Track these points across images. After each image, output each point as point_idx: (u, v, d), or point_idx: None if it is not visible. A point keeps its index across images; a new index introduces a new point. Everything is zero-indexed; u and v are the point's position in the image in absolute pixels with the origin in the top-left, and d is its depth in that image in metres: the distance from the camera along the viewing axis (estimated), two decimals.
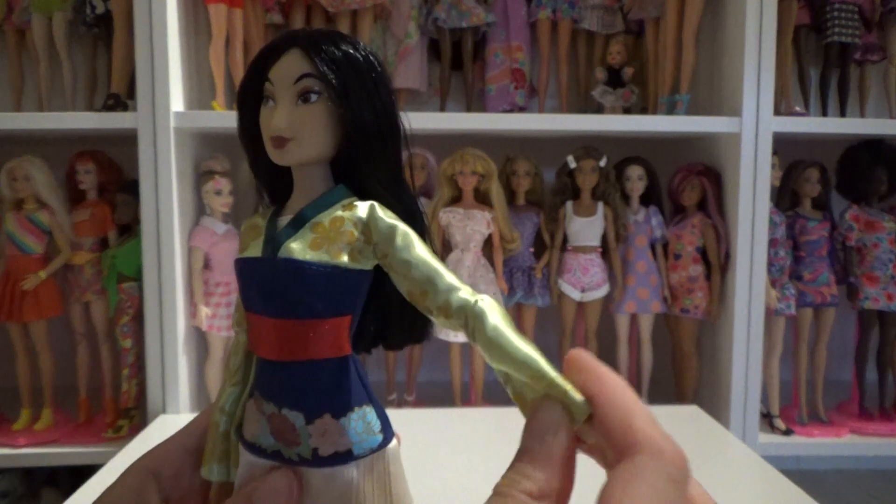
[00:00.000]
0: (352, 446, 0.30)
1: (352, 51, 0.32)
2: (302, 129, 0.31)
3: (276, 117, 0.31)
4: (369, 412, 0.31)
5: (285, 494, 0.30)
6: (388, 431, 0.32)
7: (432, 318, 0.31)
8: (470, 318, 0.29)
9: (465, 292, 0.30)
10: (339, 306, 0.31)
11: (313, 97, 0.31)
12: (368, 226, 0.31)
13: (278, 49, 0.32)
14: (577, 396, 0.27)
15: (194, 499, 0.34)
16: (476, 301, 0.29)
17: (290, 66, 0.31)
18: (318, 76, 0.31)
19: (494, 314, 0.29)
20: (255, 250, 0.32)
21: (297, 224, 0.31)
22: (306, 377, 0.30)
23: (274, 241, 0.31)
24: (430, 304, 0.30)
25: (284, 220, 0.32)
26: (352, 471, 0.30)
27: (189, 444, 0.34)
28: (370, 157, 0.32)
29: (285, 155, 0.32)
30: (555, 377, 0.27)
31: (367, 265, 0.31)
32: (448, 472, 0.78)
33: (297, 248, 0.30)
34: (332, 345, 0.31)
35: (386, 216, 0.31)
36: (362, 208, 0.31)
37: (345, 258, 0.30)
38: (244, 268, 0.32)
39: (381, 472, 0.31)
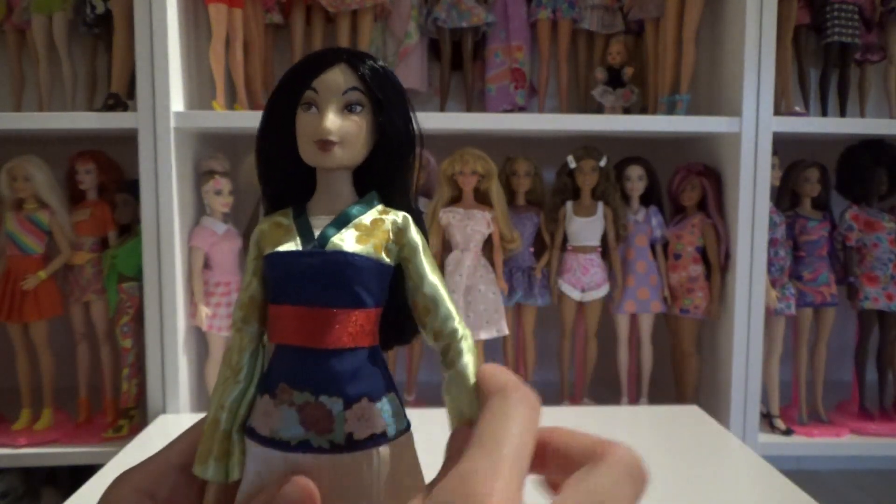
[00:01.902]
0: (386, 428, 0.33)
1: (385, 69, 0.36)
2: (348, 136, 0.34)
3: (326, 122, 0.34)
4: (394, 397, 0.34)
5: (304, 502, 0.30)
6: (406, 415, 0.34)
7: (422, 331, 0.35)
8: (452, 350, 0.34)
9: (457, 322, 0.34)
10: (378, 298, 0.34)
11: (358, 108, 0.34)
12: (402, 231, 0.35)
13: (324, 62, 0.35)
14: None
15: None
16: (461, 338, 0.34)
17: (338, 78, 0.34)
18: (364, 91, 0.34)
19: (469, 355, 0.34)
20: (293, 245, 0.33)
21: (340, 223, 0.34)
22: (347, 364, 0.32)
23: (313, 236, 0.33)
24: (428, 321, 0.34)
25: (320, 219, 0.34)
26: (386, 452, 0.32)
27: (181, 463, 0.33)
28: (398, 165, 0.36)
29: (329, 158, 0.34)
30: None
31: (393, 262, 0.35)
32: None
33: (346, 242, 0.33)
34: (369, 334, 0.33)
35: (417, 230, 0.35)
36: (398, 214, 0.35)
37: (383, 254, 0.34)
38: (286, 259, 0.33)
39: (408, 453, 0.34)
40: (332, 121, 0.34)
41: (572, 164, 1.18)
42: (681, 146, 1.33)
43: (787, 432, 1.17)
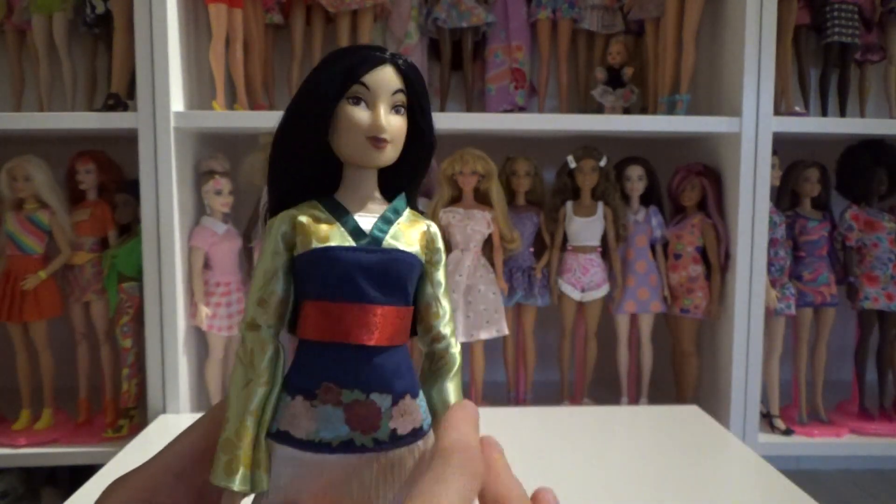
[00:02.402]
0: (422, 423, 0.34)
1: (420, 73, 0.36)
2: (398, 135, 0.35)
3: (382, 120, 0.34)
4: (423, 394, 0.35)
5: None
6: None
7: (419, 328, 0.36)
8: (447, 359, 0.36)
9: (453, 333, 0.36)
10: (413, 296, 0.35)
11: (402, 110, 0.35)
12: (434, 240, 0.36)
13: (373, 59, 0.34)
14: None
15: None
16: (457, 352, 0.36)
17: (389, 78, 0.34)
18: (408, 94, 0.35)
19: (456, 379, 0.36)
20: (343, 240, 0.33)
21: (385, 222, 0.34)
22: (392, 361, 0.33)
23: (364, 233, 0.34)
24: (433, 322, 0.36)
25: (362, 217, 0.34)
26: (424, 445, 0.34)
27: (178, 469, 0.33)
28: (424, 167, 0.37)
29: (382, 155, 0.34)
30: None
31: None
32: None
33: (400, 242, 0.34)
34: (407, 331, 0.34)
35: (442, 243, 0.37)
36: (430, 223, 0.36)
37: (422, 256, 0.35)
38: (344, 255, 0.33)
39: (433, 445, 0.35)
40: (387, 119, 0.34)
41: (572, 164, 1.18)
42: (681, 146, 1.33)
43: (787, 432, 1.17)
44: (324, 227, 0.33)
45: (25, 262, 1.10)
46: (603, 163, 1.18)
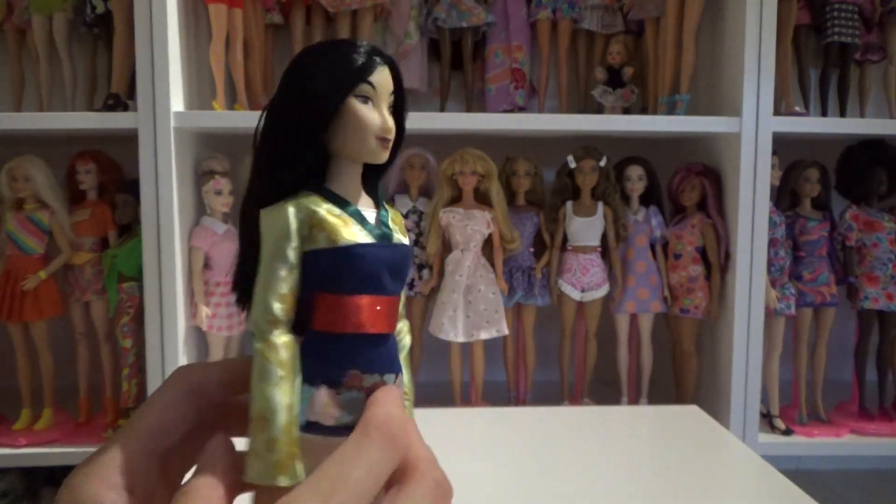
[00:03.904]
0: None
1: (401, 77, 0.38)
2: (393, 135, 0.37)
3: (390, 122, 0.36)
4: None
5: None
6: None
7: None
8: (403, 332, 0.38)
9: (403, 311, 0.39)
10: None
11: (390, 111, 0.37)
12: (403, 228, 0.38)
13: (376, 59, 0.36)
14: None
15: (222, 430, 0.33)
16: (408, 330, 0.39)
17: (388, 80, 0.36)
18: (398, 96, 0.37)
19: (409, 347, 0.39)
20: (366, 237, 0.35)
21: (386, 217, 0.37)
22: (393, 344, 0.36)
23: (374, 227, 0.35)
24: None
25: (369, 212, 0.36)
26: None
27: (225, 380, 0.35)
28: (392, 162, 0.38)
29: (384, 154, 0.36)
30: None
31: None
32: (447, 472, 0.77)
33: (400, 235, 0.36)
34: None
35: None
36: (398, 213, 0.38)
37: None
38: (371, 252, 0.34)
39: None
40: (390, 119, 0.36)
41: (572, 164, 1.18)
42: (681, 146, 1.33)
43: (787, 432, 1.17)
44: (342, 222, 0.34)
45: (25, 262, 1.10)
46: (603, 163, 1.18)
